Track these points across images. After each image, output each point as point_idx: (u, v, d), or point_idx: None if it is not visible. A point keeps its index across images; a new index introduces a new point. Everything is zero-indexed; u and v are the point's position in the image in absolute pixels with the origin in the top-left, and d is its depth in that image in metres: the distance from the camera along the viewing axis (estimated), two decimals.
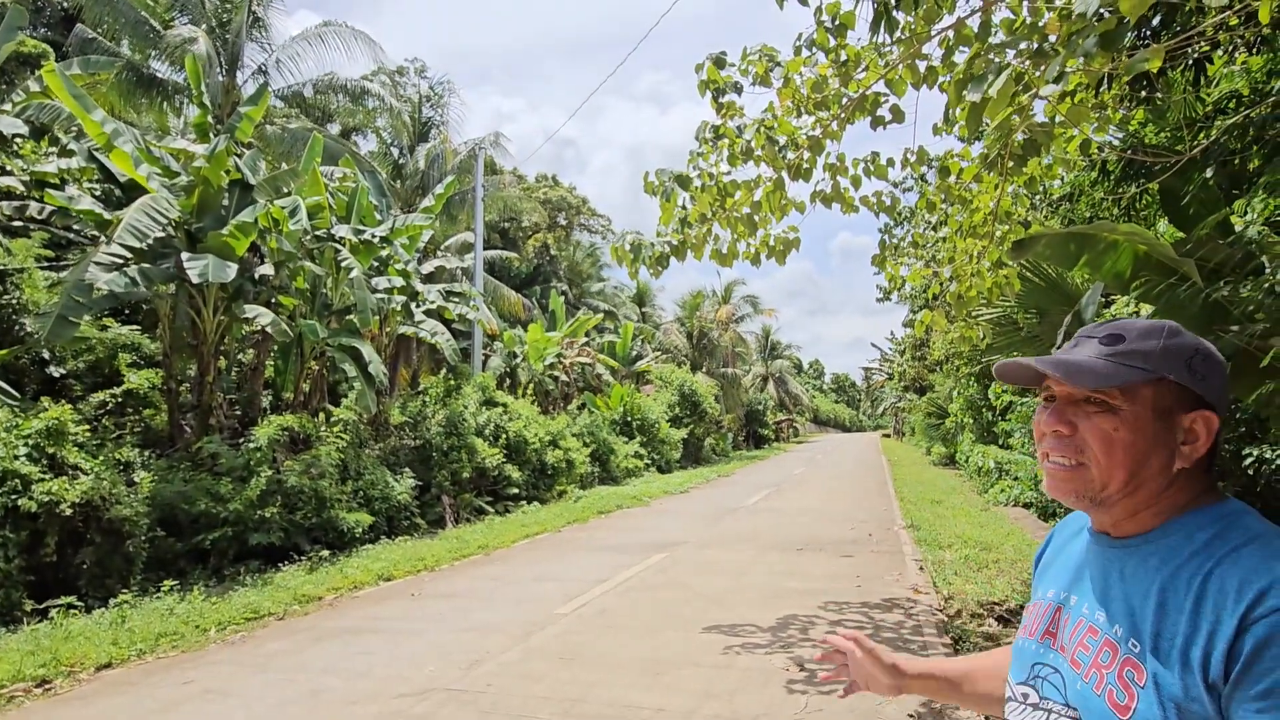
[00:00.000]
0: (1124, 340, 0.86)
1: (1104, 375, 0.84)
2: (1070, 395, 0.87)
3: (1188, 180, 3.73)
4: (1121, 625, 0.82)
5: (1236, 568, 0.76)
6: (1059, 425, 0.87)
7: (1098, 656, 0.83)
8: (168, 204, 8.27)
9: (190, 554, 7.69)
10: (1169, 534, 0.84)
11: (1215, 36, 3.43)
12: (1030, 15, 3.58)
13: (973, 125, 2.59)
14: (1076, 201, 7.01)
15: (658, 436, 21.63)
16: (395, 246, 11.15)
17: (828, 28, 3.85)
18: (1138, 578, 0.84)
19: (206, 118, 9.39)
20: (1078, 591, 0.92)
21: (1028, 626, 0.97)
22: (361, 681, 4.55)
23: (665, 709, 3.99)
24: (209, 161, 8.51)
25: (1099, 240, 3.37)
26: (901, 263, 6.76)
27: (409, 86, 20.69)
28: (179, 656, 5.22)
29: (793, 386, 48.73)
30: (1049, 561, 1.04)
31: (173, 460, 8.29)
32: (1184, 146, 3.78)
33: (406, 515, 10.32)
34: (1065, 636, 0.89)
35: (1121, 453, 0.83)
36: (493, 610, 6.26)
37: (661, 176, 4.46)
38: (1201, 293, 3.12)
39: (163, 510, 7.42)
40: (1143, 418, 0.84)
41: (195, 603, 6.28)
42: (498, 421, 13.37)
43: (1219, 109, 3.91)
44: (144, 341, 10.13)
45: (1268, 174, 3.00)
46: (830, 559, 8.21)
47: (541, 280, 27.27)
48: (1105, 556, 0.89)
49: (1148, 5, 1.84)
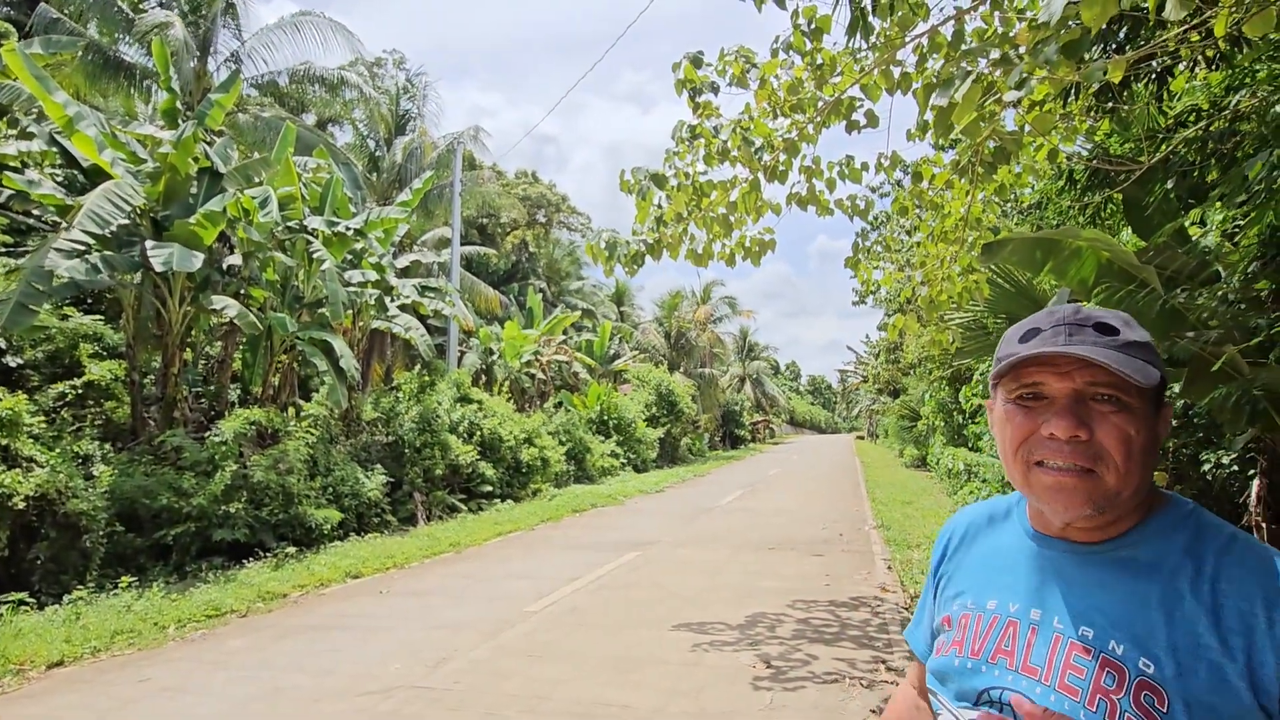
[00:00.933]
0: (1119, 331, 0.78)
1: (1147, 371, 0.75)
2: (1078, 393, 0.77)
3: (1149, 190, 3.84)
4: (1122, 643, 0.74)
5: (1243, 571, 0.73)
6: (1079, 430, 0.75)
7: (1099, 680, 0.73)
8: (132, 190, 8.05)
9: (151, 550, 7.50)
10: (1146, 536, 0.79)
11: (1177, 51, 3.53)
12: (1001, 25, 3.65)
13: (941, 130, 2.63)
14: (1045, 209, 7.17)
15: (634, 436, 21.64)
16: (370, 240, 10.99)
17: (804, 31, 3.89)
18: (1126, 587, 0.77)
19: (175, 103, 9.17)
20: (1041, 606, 0.81)
21: (962, 643, 0.85)
22: (326, 679, 4.48)
23: (632, 706, 3.99)
24: (176, 148, 8.31)
25: (1064, 246, 3.45)
26: (875, 266, 6.85)
27: (387, 78, 20.44)
28: (135, 654, 5.09)
29: (769, 388, 49.10)
30: (967, 567, 0.92)
31: (134, 454, 8.08)
32: (1146, 157, 3.88)
33: (377, 512, 10.18)
34: (1037, 658, 0.78)
35: (1140, 455, 0.76)
36: (463, 608, 6.20)
37: (637, 175, 4.46)
38: (1160, 299, 3.21)
39: (122, 505, 7.23)
40: (1149, 416, 0.78)
41: (154, 600, 6.13)
42: (472, 419, 13.26)
43: (1180, 122, 4.02)
44: (106, 332, 9.85)
45: (1223, 186, 3.10)
46: (801, 558, 8.28)
47: (519, 277, 27.13)
48: (1070, 563, 0.81)
49: (1108, 16, 1.89)
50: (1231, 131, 3.44)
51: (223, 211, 8.44)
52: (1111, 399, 0.76)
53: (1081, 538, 0.81)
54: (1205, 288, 3.28)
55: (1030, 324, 0.81)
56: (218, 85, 10.57)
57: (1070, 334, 0.78)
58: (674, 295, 34.26)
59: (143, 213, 8.48)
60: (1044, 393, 0.78)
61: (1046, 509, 0.80)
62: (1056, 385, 0.77)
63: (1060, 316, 0.80)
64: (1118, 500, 0.77)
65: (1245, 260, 3.00)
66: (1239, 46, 3.41)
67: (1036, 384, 0.79)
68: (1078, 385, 0.77)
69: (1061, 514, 0.78)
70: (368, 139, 18.63)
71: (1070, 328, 0.78)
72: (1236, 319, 3.16)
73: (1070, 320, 0.79)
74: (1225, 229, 3.41)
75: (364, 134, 18.67)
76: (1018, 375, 0.80)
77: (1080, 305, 0.82)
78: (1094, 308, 0.81)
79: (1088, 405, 0.76)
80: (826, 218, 4.87)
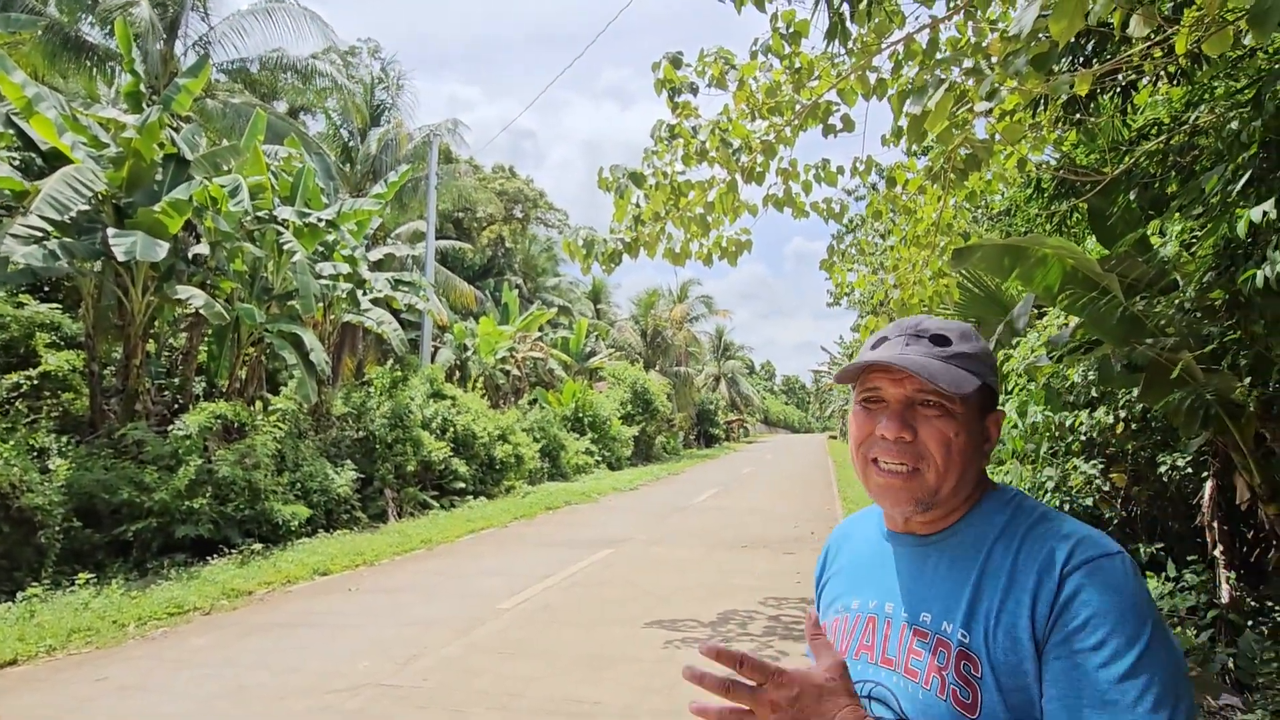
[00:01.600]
0: (951, 343, 0.85)
1: (963, 381, 0.82)
2: (908, 399, 0.84)
3: (1112, 200, 3.95)
4: (950, 620, 0.80)
5: (1041, 540, 0.80)
6: (903, 431, 0.83)
7: (933, 660, 0.80)
8: (94, 176, 7.80)
9: (110, 546, 7.30)
10: (972, 523, 0.86)
11: (1141, 66, 3.64)
12: (975, 35, 3.73)
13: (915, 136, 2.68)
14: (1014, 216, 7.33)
15: (609, 433, 21.63)
16: (342, 231, 10.81)
17: (783, 35, 3.92)
18: (954, 570, 0.84)
19: (139, 86, 8.89)
20: (893, 598, 0.87)
21: (832, 646, 0.88)
22: (292, 676, 4.41)
23: (604, 703, 4.00)
24: (141, 133, 8.07)
25: (1030, 254, 3.54)
26: (849, 268, 6.95)
27: (361, 68, 20.08)
28: (93, 653, 4.95)
29: (744, 387, 49.44)
30: (840, 573, 0.99)
31: (93, 447, 7.84)
32: (1110, 169, 4.00)
33: (347, 509, 10.03)
34: (891, 649, 0.85)
35: (958, 457, 0.83)
36: (434, 605, 6.15)
37: (616, 173, 4.46)
38: (1120, 306, 3.31)
39: (80, 499, 7.01)
40: (973, 421, 0.85)
41: (113, 597, 5.97)
42: (446, 415, 13.13)
43: (1142, 135, 4.15)
44: (64, 321, 9.54)
45: (1181, 198, 3.21)
46: (773, 556, 8.37)
47: (495, 273, 26.90)
48: (914, 556, 0.88)
49: (1075, 31, 1.94)
50: (1190, 145, 3.56)
51: (189, 200, 8.22)
52: (936, 404, 0.83)
53: (922, 530, 0.88)
54: (1164, 296, 3.40)
55: (883, 332, 0.90)
56: (185, 69, 10.29)
57: (907, 344, 0.86)
58: (651, 293, 34.31)
59: (104, 199, 8.22)
60: (882, 396, 0.86)
61: (880, 505, 0.89)
62: (891, 390, 0.85)
63: (904, 328, 0.88)
64: (939, 496, 0.84)
65: (1201, 270, 3.11)
66: (1199, 63, 3.53)
67: (876, 388, 0.87)
68: (908, 391, 0.84)
69: (891, 508, 0.87)
70: (341, 129, 18.29)
71: (909, 338, 0.86)
72: (1192, 327, 3.28)
73: (911, 331, 0.87)
74: (1184, 239, 3.53)
75: (337, 124, 18.32)
76: (863, 380, 0.88)
77: (924, 318, 0.88)
78: (938, 320, 0.88)
79: (915, 410, 0.84)
80: (802, 220, 4.93)
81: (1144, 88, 4.02)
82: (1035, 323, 5.65)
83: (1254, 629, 3.91)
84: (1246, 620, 4.00)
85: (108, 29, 12.28)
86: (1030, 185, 5.70)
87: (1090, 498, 5.56)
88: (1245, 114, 2.65)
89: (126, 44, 8.87)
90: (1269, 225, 2.26)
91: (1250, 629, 3.91)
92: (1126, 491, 5.37)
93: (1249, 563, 4.60)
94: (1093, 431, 5.14)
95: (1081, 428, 5.16)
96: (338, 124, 18.26)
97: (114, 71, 13.05)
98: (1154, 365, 3.32)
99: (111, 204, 8.33)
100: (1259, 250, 2.58)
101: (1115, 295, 3.19)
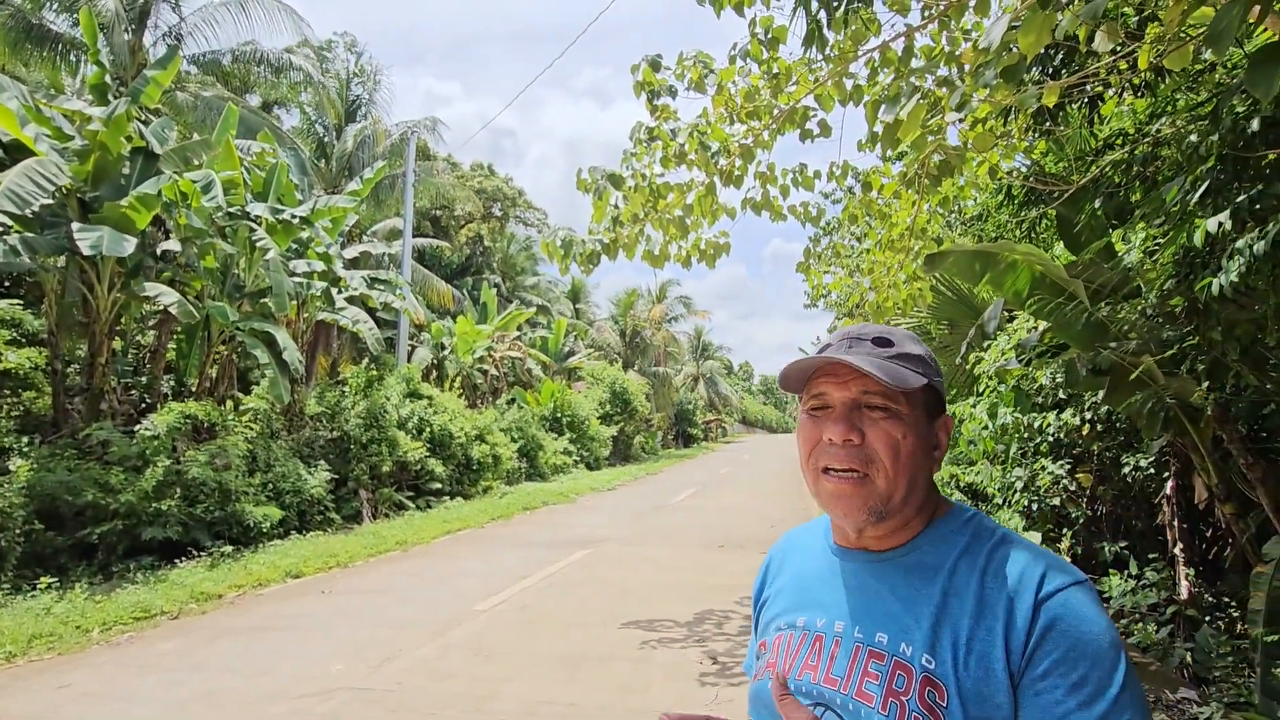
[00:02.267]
0: (894, 344, 0.84)
1: (907, 378, 0.80)
2: (854, 401, 0.82)
3: (1079, 208, 4.06)
4: (911, 644, 0.78)
5: (1008, 564, 0.78)
6: (851, 434, 0.80)
7: (891, 683, 0.77)
8: (58, 169, 7.60)
9: (73, 549, 7.11)
10: (930, 541, 0.83)
11: (1107, 78, 3.74)
12: (949, 45, 3.81)
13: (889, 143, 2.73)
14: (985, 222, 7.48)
15: (587, 433, 21.59)
16: (316, 229, 10.64)
17: (761, 40, 3.96)
18: (913, 590, 0.81)
19: (104, 77, 8.67)
20: (842, 617, 0.84)
21: (775, 664, 0.87)
22: (263, 680, 4.34)
23: (579, 704, 4.01)
24: (108, 125, 7.88)
25: (1000, 259, 3.62)
26: (825, 270, 7.03)
27: (337, 62, 19.78)
28: (55, 659, 4.82)
29: (722, 387, 49.67)
30: (784, 590, 0.94)
31: (56, 447, 7.63)
32: (1077, 177, 4.10)
33: (320, 510, 9.89)
34: (839, 668, 0.81)
35: (906, 460, 0.81)
36: (408, 607, 6.10)
37: (595, 174, 4.47)
38: (1086, 312, 3.40)
39: (42, 501, 6.82)
40: (921, 423, 0.83)
41: (77, 601, 5.82)
42: (422, 415, 13.00)
43: (1107, 145, 4.27)
44: (25, 317, 9.27)
45: (1143, 207, 3.30)
46: (750, 555, 8.43)
47: (473, 271, 26.69)
48: (867, 573, 0.85)
49: (1043, 44, 2.00)
50: (1154, 156, 3.67)
51: (158, 195, 8.05)
52: (883, 406, 0.82)
53: (875, 546, 0.85)
54: (1127, 302, 3.50)
55: (826, 341, 0.89)
56: (155, 61, 10.06)
57: (850, 346, 0.85)
58: (630, 294, 34.33)
59: (69, 193, 8.01)
60: (828, 401, 0.84)
61: (833, 515, 0.86)
62: (836, 394, 0.83)
63: (845, 333, 0.87)
64: (891, 504, 0.81)
65: (1162, 278, 3.21)
66: (1162, 76, 3.64)
67: (822, 393, 0.85)
68: (853, 394, 0.82)
69: (843, 518, 0.83)
70: (315, 124, 18.02)
71: (851, 341, 0.85)
72: (1153, 332, 3.38)
73: (852, 336, 0.86)
74: (1147, 247, 3.64)
75: (311, 118, 18.04)
76: (809, 388, 0.86)
77: (866, 325, 0.88)
78: (880, 326, 0.87)
79: (862, 412, 0.82)
80: (780, 223, 4.98)
81: (1110, 99, 4.14)
82: (1005, 326, 5.77)
83: (1211, 624, 4.04)
84: (1204, 616, 4.13)
85: (73, 17, 11.95)
86: (1001, 192, 5.82)
87: (1058, 497, 5.70)
88: (1203, 127, 2.74)
89: (92, 34, 8.64)
90: (1224, 236, 2.35)
91: (1207, 624, 4.04)
92: (1092, 491, 5.52)
93: (1207, 560, 4.75)
94: (1060, 433, 5.27)
95: (1049, 429, 5.28)
96: (312, 119, 17.99)
97: (78, 61, 12.71)
98: (1118, 369, 3.42)
99: (76, 198, 8.12)
100: (1215, 259, 2.68)
101: (1081, 301, 3.28)
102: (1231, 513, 3.83)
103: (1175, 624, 4.28)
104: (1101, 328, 3.47)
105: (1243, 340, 2.95)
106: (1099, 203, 3.99)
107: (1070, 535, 5.62)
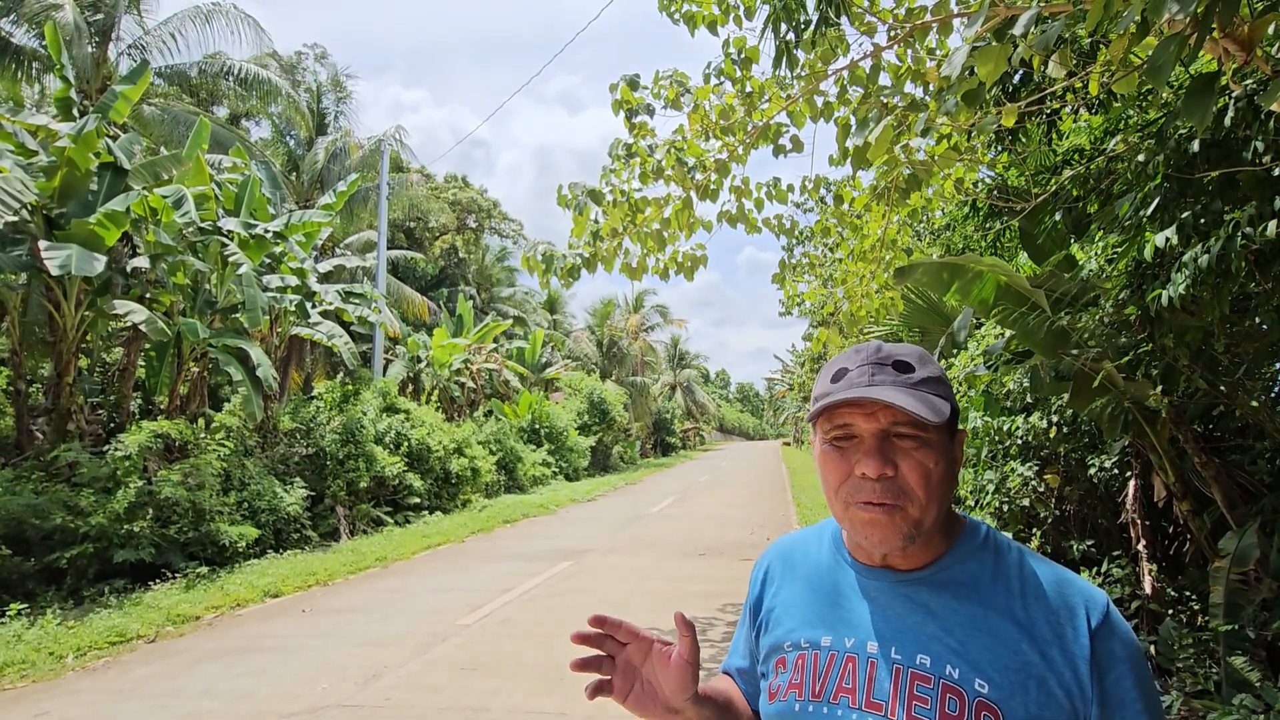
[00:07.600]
0: (915, 369, 0.83)
1: (939, 408, 0.80)
2: (884, 433, 0.81)
3: (1040, 221, 4.24)
4: (955, 665, 0.77)
5: (1041, 587, 0.80)
6: (886, 468, 0.79)
7: (943, 706, 0.76)
8: (22, 186, 7.45)
9: (41, 574, 6.92)
10: (957, 559, 0.84)
11: (1064, 96, 3.93)
12: (914, 63, 3.97)
13: (858, 164, 2.85)
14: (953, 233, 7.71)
15: (566, 444, 21.55)
16: (290, 243, 10.55)
17: (734, 60, 4.09)
18: (950, 610, 0.81)
19: (69, 92, 8.53)
20: (873, 637, 0.82)
21: (801, 685, 0.85)
22: (245, 703, 4.29)
23: (566, 714, 4.04)
24: (76, 142, 7.75)
25: (967, 270, 3.77)
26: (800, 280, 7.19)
27: (307, 74, 19.63)
28: (29, 687, 4.71)
29: (700, 395, 49.89)
30: (791, 604, 0.93)
31: (21, 470, 7.44)
32: (1038, 191, 4.29)
33: (297, 527, 9.75)
34: (881, 692, 0.79)
35: (937, 486, 0.81)
36: (391, 624, 6.05)
37: (574, 190, 4.54)
38: (1048, 320, 3.56)
39: (8, 526, 6.65)
40: (946, 448, 0.83)
41: (49, 627, 5.68)
42: (399, 429, 12.89)
43: (1066, 160, 4.46)
44: None
45: (1099, 219, 3.48)
46: (730, 562, 8.51)
47: (449, 283, 26.54)
48: (896, 592, 0.84)
49: (1000, 72, 2.13)
50: (1109, 171, 3.86)
51: (127, 211, 7.92)
52: (913, 435, 0.80)
53: (902, 565, 0.85)
54: (1086, 311, 3.67)
55: (839, 363, 0.86)
56: (123, 75, 9.92)
57: (873, 374, 0.82)
58: (606, 303, 34.39)
59: (34, 209, 7.85)
60: (854, 432, 0.82)
61: (864, 543, 0.83)
62: (864, 426, 0.81)
63: (864, 357, 0.84)
64: (923, 529, 0.81)
65: (1117, 288, 3.37)
66: (1114, 95, 3.84)
67: (847, 424, 0.82)
68: (883, 425, 0.81)
69: (878, 547, 0.82)
70: (285, 136, 17.84)
71: (873, 368, 0.83)
72: (1111, 339, 3.55)
73: (872, 360, 0.84)
74: (1106, 257, 3.82)
75: (281, 130, 17.86)
76: (831, 417, 0.83)
77: (881, 344, 0.86)
78: (892, 345, 0.86)
79: (892, 442, 0.81)
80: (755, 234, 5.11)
81: (1067, 116, 4.34)
82: (974, 333, 5.96)
83: (1173, 617, 4.22)
84: (1166, 609, 4.31)
85: (34, 30, 11.72)
86: (967, 204, 6.02)
87: (1027, 498, 5.88)
88: (1151, 146, 2.91)
89: (56, 48, 8.50)
90: (1172, 250, 2.50)
91: (1170, 617, 4.21)
92: (1060, 491, 5.70)
93: (1169, 555, 4.95)
94: (1028, 435, 5.44)
95: (1018, 432, 5.46)
96: (282, 131, 17.81)
97: (40, 75, 12.44)
98: (1079, 374, 3.58)
99: (42, 215, 7.96)
100: (1165, 272, 2.84)
101: (1043, 310, 3.44)
102: (1188, 509, 4.01)
103: (1140, 618, 4.45)
104: (1063, 335, 3.63)
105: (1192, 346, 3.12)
106: (1059, 215, 4.17)
107: (1040, 535, 5.79)
